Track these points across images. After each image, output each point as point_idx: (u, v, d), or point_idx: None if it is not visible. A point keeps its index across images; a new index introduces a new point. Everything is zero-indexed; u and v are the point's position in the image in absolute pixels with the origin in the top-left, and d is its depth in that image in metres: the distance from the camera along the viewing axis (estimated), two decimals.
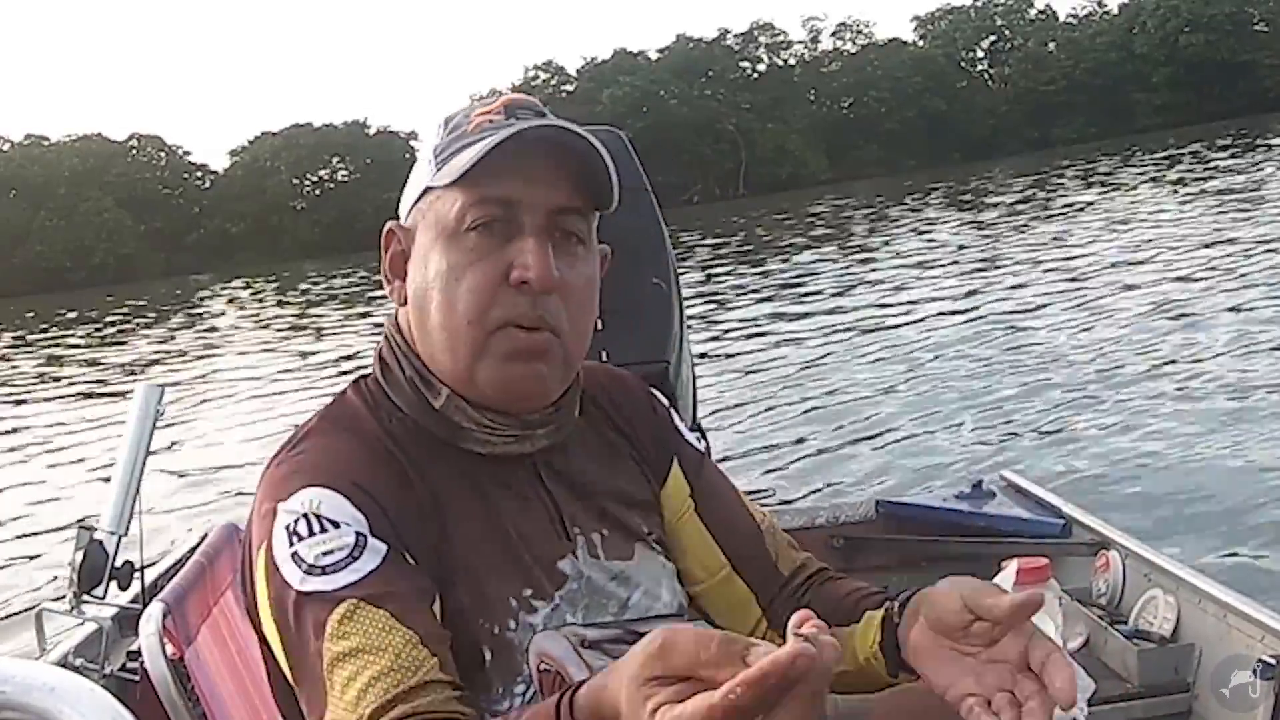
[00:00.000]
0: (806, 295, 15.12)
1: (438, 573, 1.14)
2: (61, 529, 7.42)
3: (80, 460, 10.72)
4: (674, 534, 1.33)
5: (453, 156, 1.16)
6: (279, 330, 23.27)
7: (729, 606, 1.34)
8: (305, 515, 1.10)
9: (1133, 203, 22.15)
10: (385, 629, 1.05)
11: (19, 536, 8.10)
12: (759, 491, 3.81)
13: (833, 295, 15.06)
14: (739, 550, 1.34)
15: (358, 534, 1.10)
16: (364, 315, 23.43)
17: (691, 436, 1.40)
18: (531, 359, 1.17)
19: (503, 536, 1.19)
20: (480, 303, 1.15)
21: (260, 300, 34.48)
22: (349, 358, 16.17)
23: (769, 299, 15.84)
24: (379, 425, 1.20)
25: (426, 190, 1.19)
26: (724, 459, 6.46)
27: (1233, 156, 29.77)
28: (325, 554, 1.08)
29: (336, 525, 1.10)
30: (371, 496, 1.13)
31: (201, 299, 39.41)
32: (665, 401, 1.42)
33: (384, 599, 1.07)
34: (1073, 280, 12.99)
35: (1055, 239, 17.86)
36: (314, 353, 17.60)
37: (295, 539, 1.09)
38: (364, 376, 1.28)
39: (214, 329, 26.56)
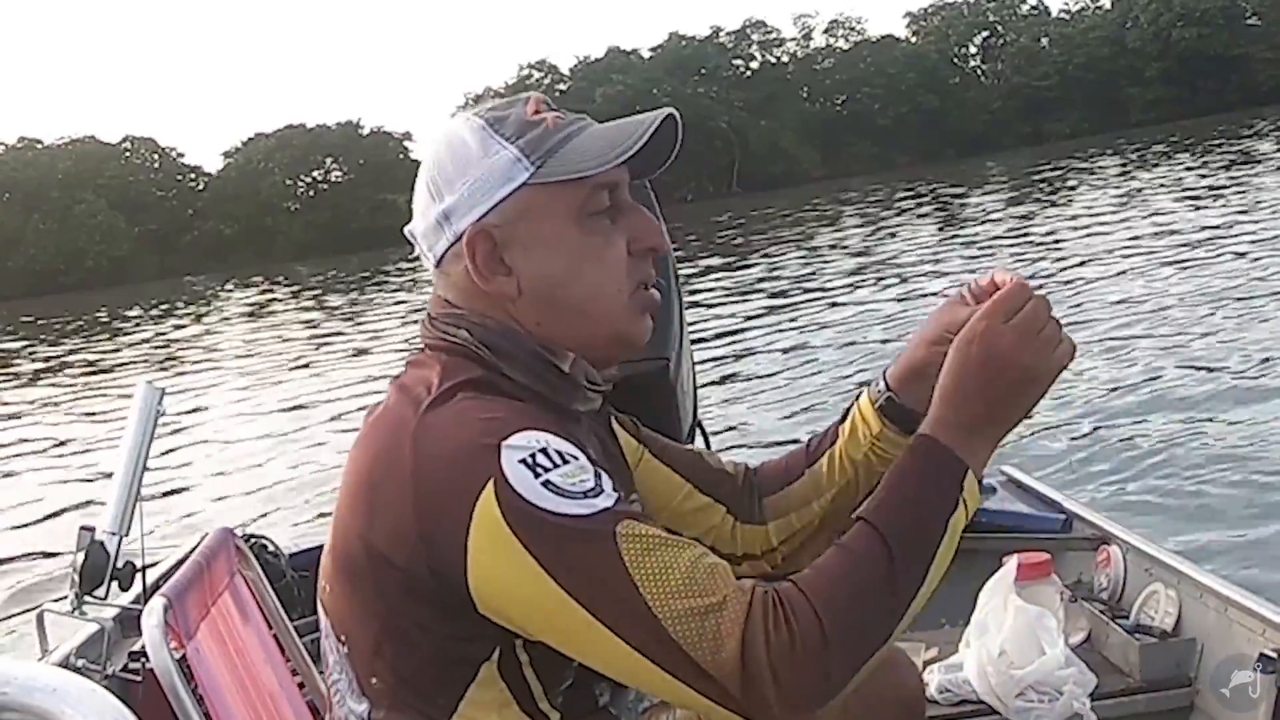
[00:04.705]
0: (803, 290, 15.13)
1: None
2: (62, 529, 7.42)
3: (81, 461, 10.71)
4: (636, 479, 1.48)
5: (556, 151, 1.23)
6: (275, 330, 23.25)
7: (694, 518, 1.49)
8: (540, 450, 1.12)
9: (1136, 194, 22.18)
10: (669, 534, 1.11)
11: (20, 534, 8.09)
12: None
13: (829, 290, 15.07)
14: (694, 472, 1.50)
15: (592, 462, 1.15)
16: (361, 314, 23.44)
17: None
18: (655, 313, 1.33)
19: (624, 483, 1.32)
20: (621, 273, 1.28)
21: (256, 301, 34.44)
22: (350, 357, 16.17)
23: (767, 295, 15.84)
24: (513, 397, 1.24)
25: (523, 186, 1.24)
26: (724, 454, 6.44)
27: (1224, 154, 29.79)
28: (580, 481, 1.12)
29: (575, 457, 1.14)
30: (571, 440, 1.17)
31: (196, 300, 39.38)
32: None
33: (645, 519, 1.12)
34: (1073, 272, 13.00)
35: (1052, 232, 17.89)
36: (312, 352, 17.59)
37: (540, 470, 1.11)
38: (420, 366, 1.27)
39: (209, 330, 26.55)
